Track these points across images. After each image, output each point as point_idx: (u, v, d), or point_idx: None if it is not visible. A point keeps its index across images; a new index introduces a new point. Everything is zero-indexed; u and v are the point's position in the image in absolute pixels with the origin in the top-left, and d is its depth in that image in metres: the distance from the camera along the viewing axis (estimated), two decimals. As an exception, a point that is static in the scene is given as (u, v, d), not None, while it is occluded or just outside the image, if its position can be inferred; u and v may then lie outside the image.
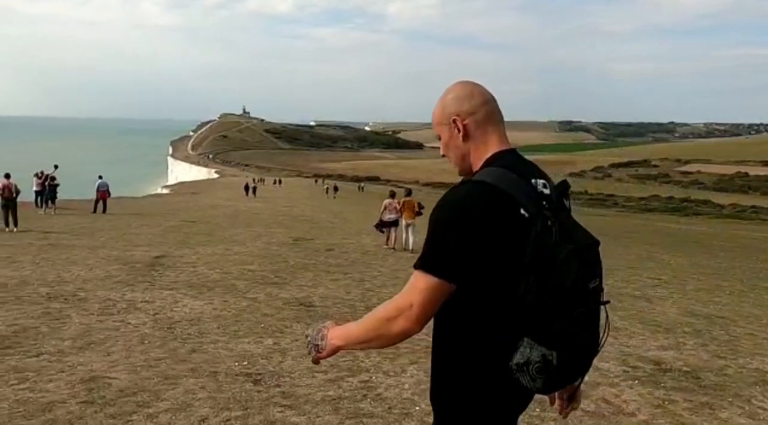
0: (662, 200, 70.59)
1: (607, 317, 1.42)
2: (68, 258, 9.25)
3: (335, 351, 1.54)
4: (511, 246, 1.35)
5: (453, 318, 1.43)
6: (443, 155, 1.60)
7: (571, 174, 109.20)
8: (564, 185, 1.48)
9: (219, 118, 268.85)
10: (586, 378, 4.34)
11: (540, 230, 1.34)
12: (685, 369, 4.58)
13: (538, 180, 1.44)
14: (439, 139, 1.58)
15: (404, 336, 1.43)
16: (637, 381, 4.21)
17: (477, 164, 1.51)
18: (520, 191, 1.39)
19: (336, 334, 1.53)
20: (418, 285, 1.39)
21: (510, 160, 1.48)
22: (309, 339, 1.58)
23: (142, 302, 6.19)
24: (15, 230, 13.83)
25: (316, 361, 1.60)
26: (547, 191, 1.43)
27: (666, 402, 3.82)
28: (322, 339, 1.55)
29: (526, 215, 1.36)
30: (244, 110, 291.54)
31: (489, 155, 1.50)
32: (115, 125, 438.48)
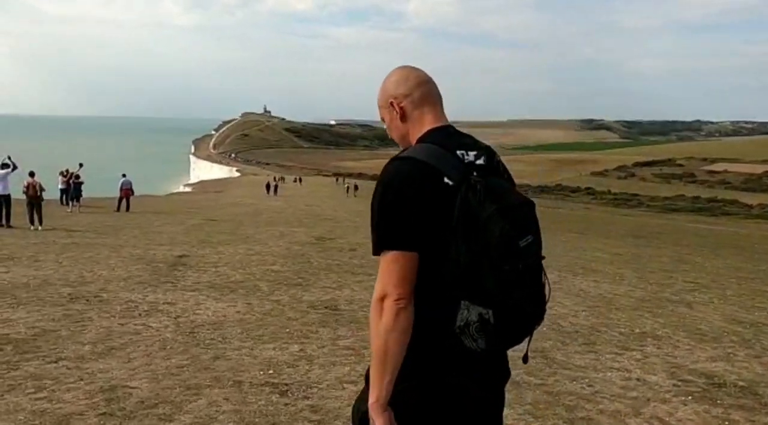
0: (688, 199, 69.12)
1: (544, 274, 1.46)
2: (91, 257, 9.18)
3: (379, 409, 1.39)
4: (440, 216, 1.38)
5: None
6: (391, 138, 1.66)
7: (593, 173, 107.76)
8: (489, 150, 1.53)
9: (241, 116, 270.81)
10: (635, 393, 4.01)
11: (464, 194, 1.38)
12: (740, 383, 4.25)
13: (468, 152, 1.48)
14: (383, 121, 1.65)
15: (401, 318, 1.38)
16: (690, 397, 3.90)
17: (414, 142, 1.56)
18: (444, 162, 1.43)
19: (371, 397, 1.42)
20: (382, 268, 1.40)
21: (439, 135, 1.52)
22: None
23: (164, 304, 6.03)
24: (40, 228, 13.91)
25: None
26: (479, 162, 1.47)
27: (726, 422, 3.51)
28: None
29: (451, 183, 1.40)
30: (265, 108, 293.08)
31: (423, 132, 1.55)
32: (140, 124, 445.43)
